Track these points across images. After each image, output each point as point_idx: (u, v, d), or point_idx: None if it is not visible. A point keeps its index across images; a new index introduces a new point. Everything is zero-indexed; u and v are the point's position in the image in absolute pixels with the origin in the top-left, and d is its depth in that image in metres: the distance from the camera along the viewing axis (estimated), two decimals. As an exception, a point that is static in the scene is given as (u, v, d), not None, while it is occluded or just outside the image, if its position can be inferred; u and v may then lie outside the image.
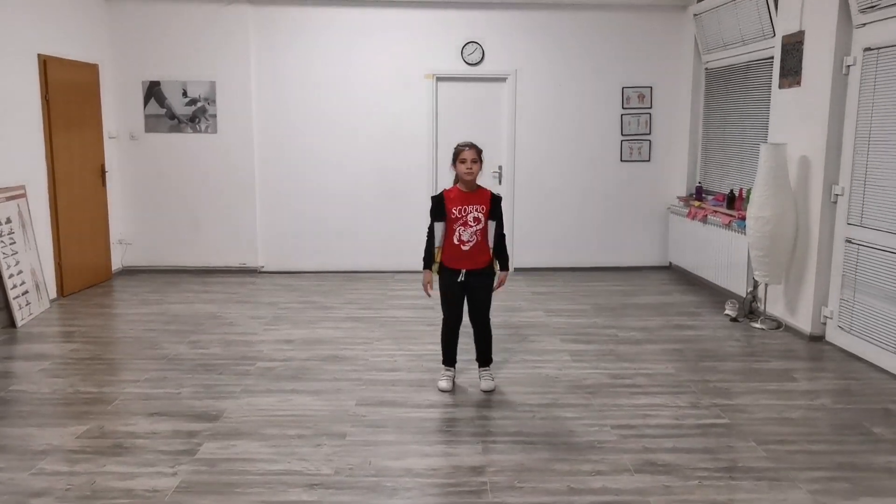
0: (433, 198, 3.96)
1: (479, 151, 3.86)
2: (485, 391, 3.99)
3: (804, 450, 3.28)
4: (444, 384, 4.02)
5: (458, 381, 4.14)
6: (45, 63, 5.83)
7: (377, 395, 3.95)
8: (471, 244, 3.85)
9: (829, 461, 3.17)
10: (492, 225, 3.88)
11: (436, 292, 4.02)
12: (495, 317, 4.12)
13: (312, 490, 2.92)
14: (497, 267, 3.98)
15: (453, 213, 3.84)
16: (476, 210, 3.84)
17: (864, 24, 4.48)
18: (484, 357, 4.09)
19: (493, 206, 3.88)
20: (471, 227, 3.84)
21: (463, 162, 3.81)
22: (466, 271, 3.88)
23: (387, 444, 3.33)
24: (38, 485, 2.93)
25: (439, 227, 3.89)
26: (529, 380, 4.19)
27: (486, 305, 4.00)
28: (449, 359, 4.09)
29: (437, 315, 4.19)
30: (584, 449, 3.29)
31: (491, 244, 3.91)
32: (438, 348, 4.18)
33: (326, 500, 2.84)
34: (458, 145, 3.88)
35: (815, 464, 3.15)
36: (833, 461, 3.17)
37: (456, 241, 3.86)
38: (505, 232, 4.00)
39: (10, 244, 5.34)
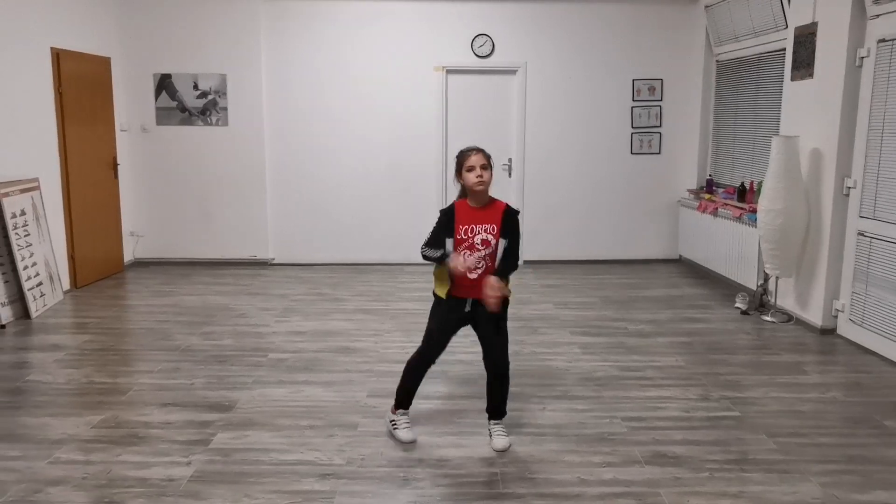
0: (443, 210, 3.22)
1: (487, 156, 3.13)
2: (498, 451, 3.22)
3: (815, 443, 3.28)
4: (407, 434, 3.31)
5: (469, 371, 4.14)
6: (57, 56, 5.87)
7: (388, 386, 3.95)
8: (478, 272, 3.11)
9: (840, 454, 3.18)
10: (503, 243, 3.13)
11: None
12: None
13: (325, 480, 2.94)
14: (497, 280, 3.05)
15: (459, 234, 3.12)
16: (485, 231, 3.11)
17: (878, 16, 4.45)
18: (498, 409, 3.34)
19: (506, 221, 3.14)
20: (478, 250, 3.11)
21: (471, 170, 3.09)
22: (473, 300, 3.17)
23: (398, 435, 3.36)
24: (55, 473, 2.98)
25: (449, 244, 3.13)
26: (539, 372, 4.20)
27: (503, 341, 3.24)
28: (407, 401, 3.37)
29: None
30: (594, 441, 3.30)
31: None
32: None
33: (339, 490, 2.87)
34: (463, 150, 3.17)
35: (826, 457, 3.15)
36: (844, 454, 3.18)
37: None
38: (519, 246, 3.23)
39: (25, 236, 5.39)
